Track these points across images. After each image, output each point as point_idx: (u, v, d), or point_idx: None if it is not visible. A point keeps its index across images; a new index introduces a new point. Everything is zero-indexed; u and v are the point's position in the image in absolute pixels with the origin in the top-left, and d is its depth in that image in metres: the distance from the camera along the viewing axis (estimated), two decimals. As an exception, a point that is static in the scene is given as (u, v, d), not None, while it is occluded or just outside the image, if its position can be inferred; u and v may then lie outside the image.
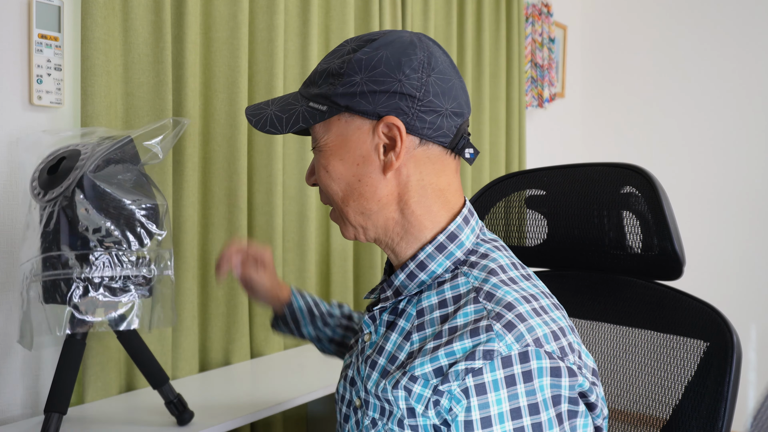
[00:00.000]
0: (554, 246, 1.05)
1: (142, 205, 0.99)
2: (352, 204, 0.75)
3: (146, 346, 1.12)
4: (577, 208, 1.01)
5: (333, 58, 0.75)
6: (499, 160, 2.53)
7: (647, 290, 0.97)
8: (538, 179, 1.08)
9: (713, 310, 0.88)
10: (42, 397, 1.24)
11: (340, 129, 0.74)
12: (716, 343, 0.85)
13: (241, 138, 1.54)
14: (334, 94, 0.72)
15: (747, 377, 2.79)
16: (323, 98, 0.73)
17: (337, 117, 0.73)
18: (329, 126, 0.74)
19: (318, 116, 0.73)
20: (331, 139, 0.74)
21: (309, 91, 0.75)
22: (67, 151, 1.00)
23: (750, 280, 2.80)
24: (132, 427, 1.13)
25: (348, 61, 0.72)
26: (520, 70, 2.63)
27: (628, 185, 0.95)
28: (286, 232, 1.70)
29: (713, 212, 2.91)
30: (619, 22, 3.19)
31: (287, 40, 1.69)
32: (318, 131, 0.75)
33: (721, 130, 2.89)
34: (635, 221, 0.96)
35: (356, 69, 0.72)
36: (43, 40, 1.22)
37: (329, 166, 0.75)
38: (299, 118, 0.74)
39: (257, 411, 1.22)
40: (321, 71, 0.75)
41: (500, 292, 0.69)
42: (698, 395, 0.86)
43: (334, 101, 0.72)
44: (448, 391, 0.64)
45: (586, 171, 1.01)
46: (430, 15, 2.15)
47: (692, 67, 2.97)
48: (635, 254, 0.96)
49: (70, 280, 0.94)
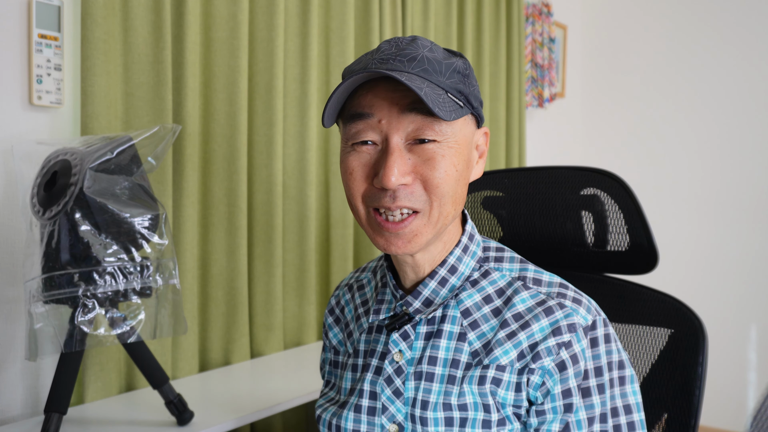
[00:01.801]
0: (517, 246, 1.07)
1: (142, 217, 0.99)
2: (457, 207, 0.73)
3: (146, 346, 1.12)
4: (540, 209, 1.03)
5: (437, 54, 0.71)
6: (499, 160, 2.53)
7: (605, 284, 0.98)
8: (499, 181, 1.09)
9: (675, 300, 0.90)
10: (42, 397, 1.24)
11: (463, 128, 0.72)
12: (682, 330, 0.88)
13: (241, 138, 1.54)
14: (469, 94, 0.71)
15: (747, 377, 2.79)
16: (460, 94, 0.71)
17: (465, 116, 0.72)
18: (456, 122, 0.71)
19: (459, 111, 0.70)
20: (459, 137, 0.71)
21: (441, 81, 0.70)
22: (57, 162, 0.99)
23: (750, 281, 2.80)
24: (132, 427, 1.13)
25: (468, 66, 0.72)
26: (520, 70, 2.63)
27: (592, 187, 0.97)
28: (286, 232, 1.70)
29: (714, 212, 2.91)
30: (619, 22, 3.20)
31: (287, 40, 1.69)
32: (443, 125, 0.69)
33: (721, 130, 2.89)
34: (597, 219, 0.98)
35: (473, 75, 0.73)
36: (43, 40, 1.22)
37: (459, 164, 0.71)
38: (451, 107, 0.69)
39: (257, 411, 1.22)
40: (446, 64, 0.70)
41: (545, 276, 0.75)
42: (669, 377, 0.89)
43: (469, 101, 0.71)
44: (540, 368, 0.69)
45: (550, 174, 1.02)
46: (430, 15, 2.15)
47: (692, 66, 2.97)
48: (603, 251, 0.98)
49: (76, 297, 0.94)
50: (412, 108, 0.68)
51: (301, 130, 1.72)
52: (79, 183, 0.95)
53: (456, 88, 0.70)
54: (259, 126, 1.61)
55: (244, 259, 1.55)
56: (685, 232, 2.95)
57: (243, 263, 1.55)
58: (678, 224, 2.96)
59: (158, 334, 1.03)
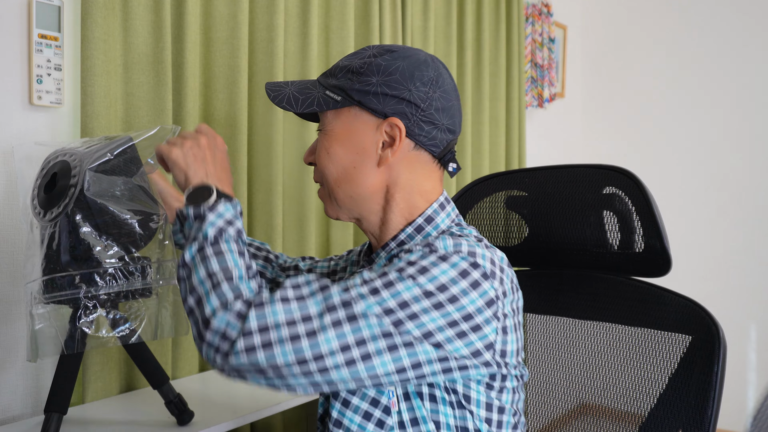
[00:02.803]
0: (536, 245, 1.06)
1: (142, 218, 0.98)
2: (344, 187, 0.84)
3: (146, 346, 1.12)
4: (559, 208, 1.02)
5: (355, 58, 0.84)
6: (499, 160, 2.53)
7: (628, 287, 0.97)
8: (520, 180, 1.09)
9: (695, 304, 0.88)
10: (42, 397, 1.24)
11: (348, 119, 0.83)
12: (701, 336, 0.86)
13: (241, 138, 1.54)
14: (350, 89, 0.82)
15: (747, 377, 2.79)
16: (340, 90, 0.83)
17: (348, 109, 0.83)
18: (339, 115, 0.84)
19: (332, 104, 0.83)
20: (338, 127, 0.84)
21: (327, 81, 0.85)
22: (56, 163, 0.99)
23: (750, 281, 2.80)
24: (132, 427, 1.13)
25: (369, 64, 0.82)
26: (520, 70, 2.63)
27: (611, 186, 0.96)
28: (286, 232, 1.70)
29: (714, 212, 2.91)
30: (619, 22, 3.20)
31: (287, 40, 1.69)
32: (328, 117, 0.84)
33: (721, 129, 2.89)
34: (617, 220, 0.97)
35: (374, 71, 0.82)
36: (43, 40, 1.22)
37: (331, 149, 0.84)
38: (314, 101, 0.84)
39: (257, 411, 1.22)
40: (342, 66, 0.84)
41: (449, 238, 0.77)
42: (686, 386, 0.87)
43: (349, 95, 0.82)
44: (387, 258, 0.83)
45: (570, 172, 1.02)
46: (430, 15, 2.15)
47: (692, 66, 2.97)
48: (620, 252, 0.97)
49: (77, 299, 0.94)
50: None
51: (301, 130, 1.72)
52: (78, 184, 0.95)
53: (338, 86, 0.83)
54: (259, 126, 1.61)
55: (244, 259, 1.55)
56: (685, 232, 2.95)
57: (243, 263, 1.55)
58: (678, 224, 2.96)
59: (159, 335, 1.03)
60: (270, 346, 0.68)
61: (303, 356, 0.67)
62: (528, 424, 1.12)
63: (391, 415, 0.78)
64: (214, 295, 0.71)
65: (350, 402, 0.80)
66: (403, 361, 0.69)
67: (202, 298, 0.72)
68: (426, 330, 0.69)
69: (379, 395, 0.79)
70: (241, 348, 0.68)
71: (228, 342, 0.69)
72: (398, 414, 0.78)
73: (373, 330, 0.68)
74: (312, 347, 0.67)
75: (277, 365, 0.68)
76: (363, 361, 0.68)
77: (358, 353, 0.68)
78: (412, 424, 0.78)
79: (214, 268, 0.73)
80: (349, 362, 0.68)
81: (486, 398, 0.78)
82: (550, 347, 1.09)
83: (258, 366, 0.68)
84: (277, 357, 0.67)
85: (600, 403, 1.02)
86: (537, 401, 1.12)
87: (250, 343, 0.68)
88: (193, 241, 0.76)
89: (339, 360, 0.68)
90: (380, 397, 0.78)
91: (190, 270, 0.75)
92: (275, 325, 0.68)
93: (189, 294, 0.74)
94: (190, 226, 0.78)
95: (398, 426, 0.78)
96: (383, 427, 0.78)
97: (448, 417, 0.77)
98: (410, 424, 0.78)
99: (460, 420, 0.78)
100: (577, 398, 1.05)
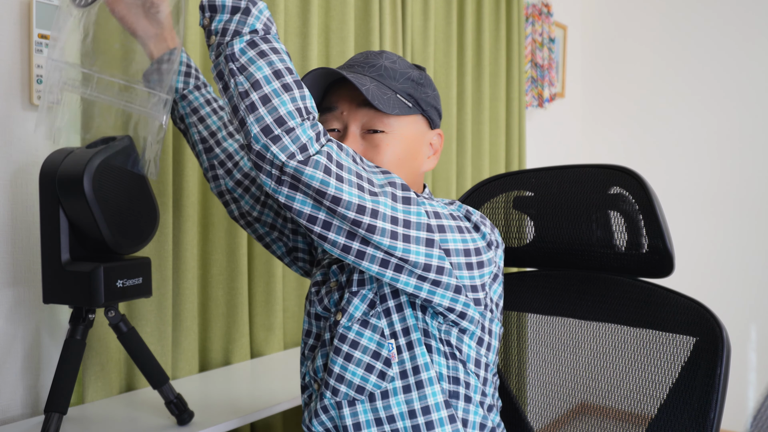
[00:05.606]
0: (542, 246, 1.06)
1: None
2: None
3: (146, 346, 1.12)
4: (566, 209, 1.02)
5: (403, 65, 0.90)
6: (499, 160, 2.53)
7: (634, 288, 0.97)
8: (526, 180, 1.09)
9: (700, 306, 0.88)
10: (42, 397, 1.24)
11: (412, 125, 0.89)
12: (705, 338, 0.86)
13: (241, 138, 1.54)
14: (419, 98, 0.89)
15: (747, 377, 2.79)
16: (410, 97, 0.88)
17: (414, 116, 0.90)
18: (404, 119, 0.89)
19: (406, 109, 0.87)
20: (404, 130, 0.88)
21: (392, 84, 0.87)
22: None
23: (750, 281, 2.80)
24: (132, 427, 1.13)
25: (424, 77, 0.91)
26: (520, 70, 2.63)
27: (617, 186, 0.96)
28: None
29: (715, 211, 2.91)
30: (618, 22, 3.20)
31: (287, 40, 1.69)
32: (391, 118, 0.87)
33: (721, 129, 2.89)
34: (623, 220, 0.97)
35: (428, 85, 0.91)
36: (43, 40, 1.21)
37: (400, 152, 0.88)
38: (397, 104, 0.86)
39: (257, 411, 1.22)
40: (401, 72, 0.89)
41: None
42: (689, 388, 0.87)
43: (419, 104, 0.89)
44: None
45: (575, 172, 1.02)
46: (430, 15, 2.15)
47: (692, 66, 2.97)
48: (624, 253, 0.97)
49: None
50: (366, 103, 0.86)
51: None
52: None
53: (406, 91, 0.88)
54: (259, 126, 1.60)
55: (244, 259, 1.55)
56: (684, 231, 2.95)
57: (243, 263, 1.55)
58: (678, 224, 2.96)
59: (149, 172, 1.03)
60: (341, 180, 0.70)
61: (363, 191, 0.72)
62: (534, 424, 1.12)
63: (391, 367, 0.83)
64: (286, 97, 0.70)
65: (352, 356, 0.85)
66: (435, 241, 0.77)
67: (271, 96, 0.69)
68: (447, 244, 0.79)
69: (379, 348, 0.84)
70: (322, 162, 0.69)
71: (306, 153, 0.69)
72: (399, 364, 0.83)
73: (421, 214, 0.76)
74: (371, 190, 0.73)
75: (339, 198, 0.70)
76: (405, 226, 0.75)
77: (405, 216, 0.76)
78: (414, 373, 0.83)
79: (278, 66, 0.71)
80: (394, 220, 0.74)
81: (476, 354, 0.85)
82: (556, 348, 1.09)
83: (322, 188, 0.69)
84: (344, 191, 0.70)
85: (604, 404, 1.02)
86: (543, 401, 1.12)
87: (327, 164, 0.69)
88: (235, 34, 0.72)
89: (390, 214, 0.74)
90: (381, 350, 0.84)
91: (243, 65, 0.70)
92: (348, 168, 0.72)
93: (252, 89, 0.69)
94: (221, 20, 0.73)
95: (399, 376, 0.83)
96: (384, 378, 0.83)
97: (441, 366, 0.84)
98: (412, 372, 0.83)
99: (453, 370, 0.84)
100: (582, 399, 1.06)
